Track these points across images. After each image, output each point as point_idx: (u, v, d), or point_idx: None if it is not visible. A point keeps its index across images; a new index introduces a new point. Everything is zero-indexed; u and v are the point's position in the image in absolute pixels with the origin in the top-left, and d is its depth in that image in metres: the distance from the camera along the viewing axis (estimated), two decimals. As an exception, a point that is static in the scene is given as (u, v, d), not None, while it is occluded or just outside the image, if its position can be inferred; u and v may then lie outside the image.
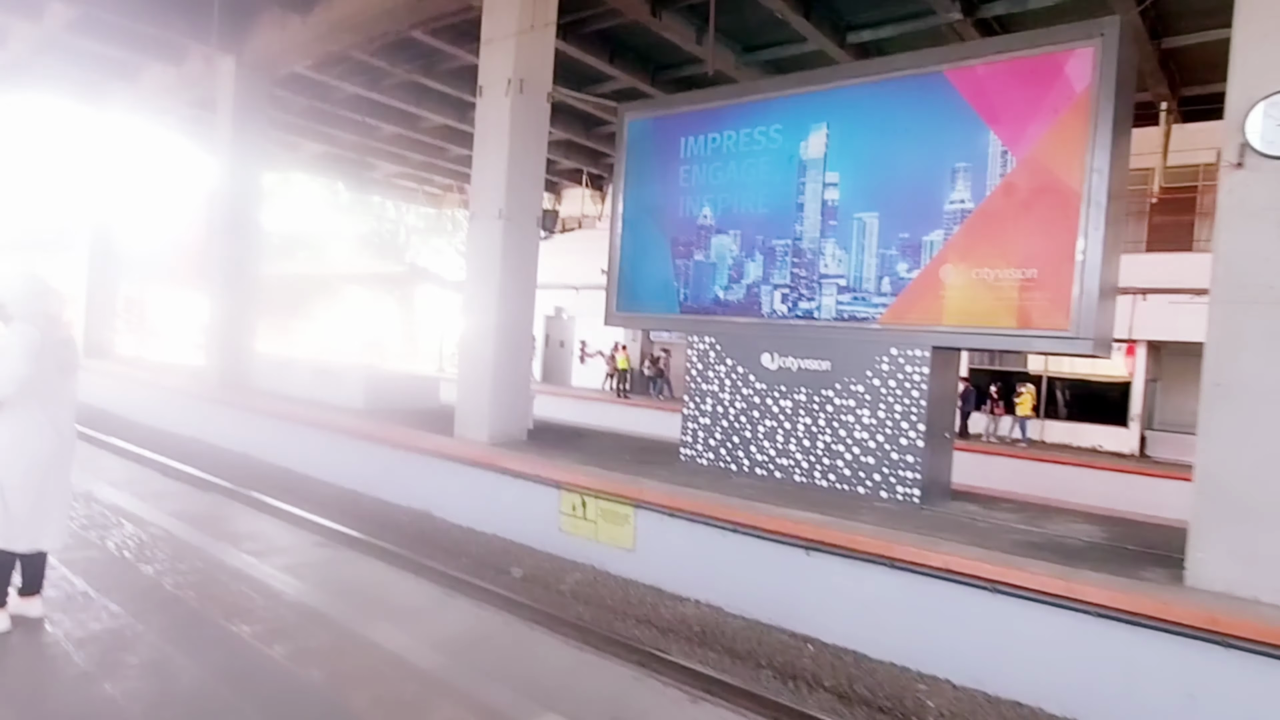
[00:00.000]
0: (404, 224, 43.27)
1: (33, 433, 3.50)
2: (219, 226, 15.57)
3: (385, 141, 21.68)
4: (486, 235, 10.12)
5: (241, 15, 14.51)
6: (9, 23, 15.24)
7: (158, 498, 6.66)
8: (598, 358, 24.68)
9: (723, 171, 9.09)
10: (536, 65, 10.22)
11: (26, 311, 3.55)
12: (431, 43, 14.13)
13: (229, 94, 15.18)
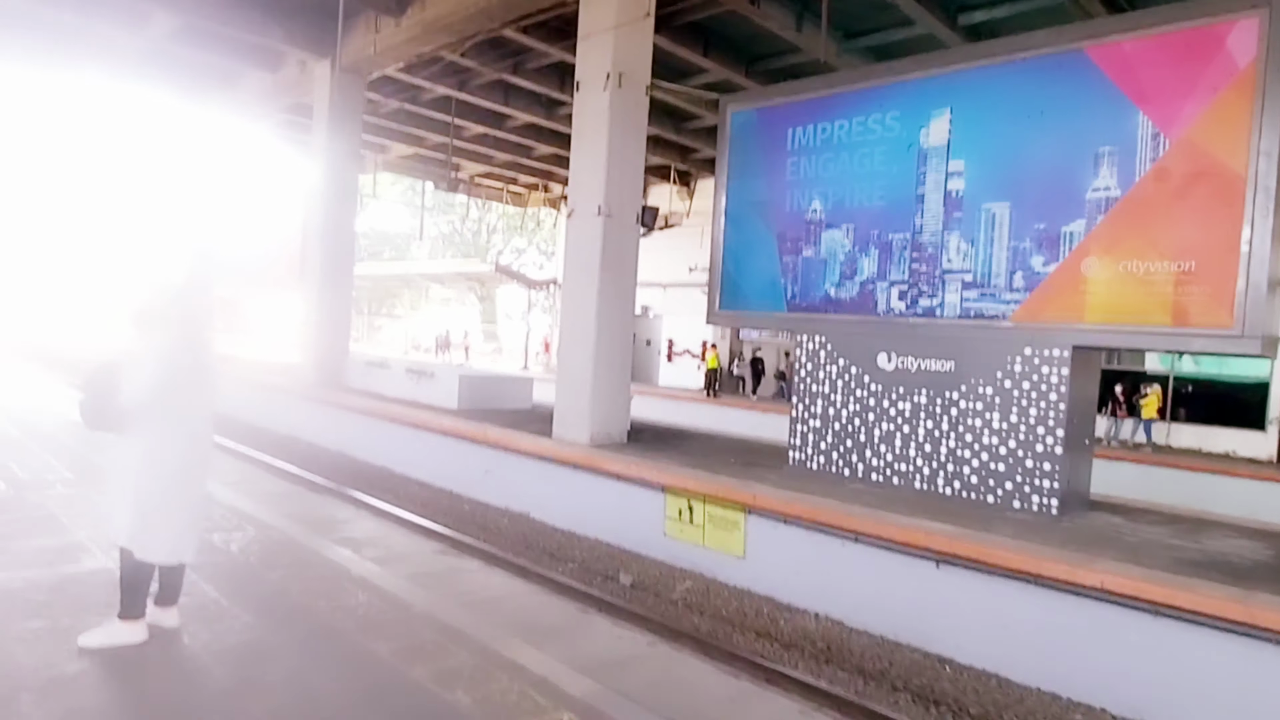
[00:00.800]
0: (485, 223, 44.05)
1: (172, 444, 3.44)
2: (315, 229, 16.04)
3: (471, 141, 21.98)
4: (586, 233, 10.06)
5: (336, 20, 14.86)
6: (114, 34, 15.81)
7: (273, 499, 6.80)
8: (685, 356, 24.51)
9: (834, 163, 8.77)
10: (635, 58, 10.11)
11: (171, 313, 3.48)
12: (521, 40, 14.20)
13: (324, 98, 15.62)
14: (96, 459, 7.56)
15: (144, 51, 16.37)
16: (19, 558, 4.44)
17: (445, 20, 12.68)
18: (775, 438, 13.27)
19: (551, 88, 16.72)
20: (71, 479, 6.68)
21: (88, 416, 3.46)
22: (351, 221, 16.54)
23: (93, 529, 5.09)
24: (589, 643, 3.97)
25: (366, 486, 10.64)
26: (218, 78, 18.62)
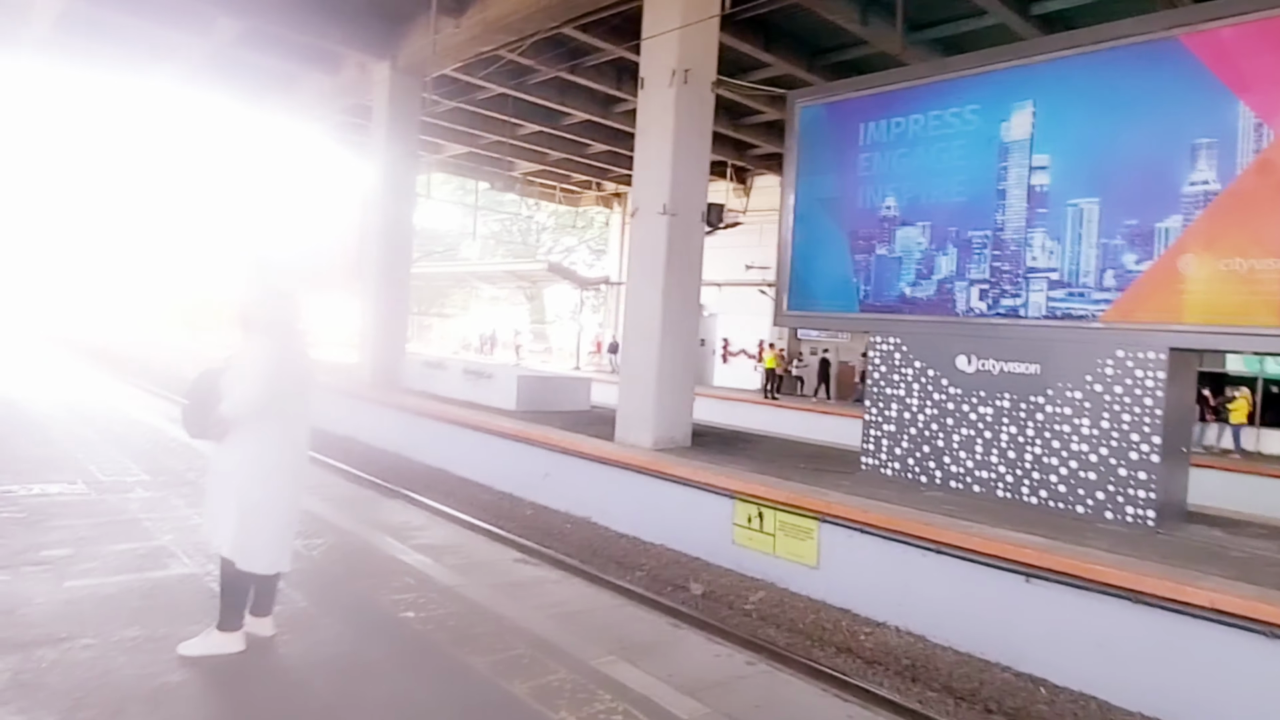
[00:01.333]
0: (535, 222, 44.31)
1: (272, 452, 3.45)
2: (372, 229, 16.26)
3: (525, 140, 22.09)
4: (650, 233, 10.01)
5: (396, 22, 15.13)
6: (179, 38, 16.30)
7: (346, 504, 6.87)
8: (741, 356, 24.31)
9: (909, 158, 8.56)
10: (701, 55, 10.03)
11: (269, 320, 3.50)
12: (580, 38, 14.20)
13: (383, 99, 15.82)
14: (170, 461, 7.77)
15: (208, 56, 16.80)
16: (109, 562, 4.52)
17: (506, 19, 12.73)
18: (839, 441, 13.08)
19: (609, 85, 16.71)
20: (148, 480, 6.80)
21: (190, 425, 3.48)
22: (409, 222, 16.73)
23: (176, 533, 5.19)
24: (686, 660, 3.90)
25: (429, 490, 10.73)
26: (278, 81, 19.03)
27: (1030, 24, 11.42)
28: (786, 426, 16.95)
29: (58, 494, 6.02)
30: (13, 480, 6.34)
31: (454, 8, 13.56)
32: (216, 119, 22.00)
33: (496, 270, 34.37)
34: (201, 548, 3.58)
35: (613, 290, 30.05)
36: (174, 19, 14.85)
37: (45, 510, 5.49)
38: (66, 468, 7.00)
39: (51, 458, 7.37)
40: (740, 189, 24.07)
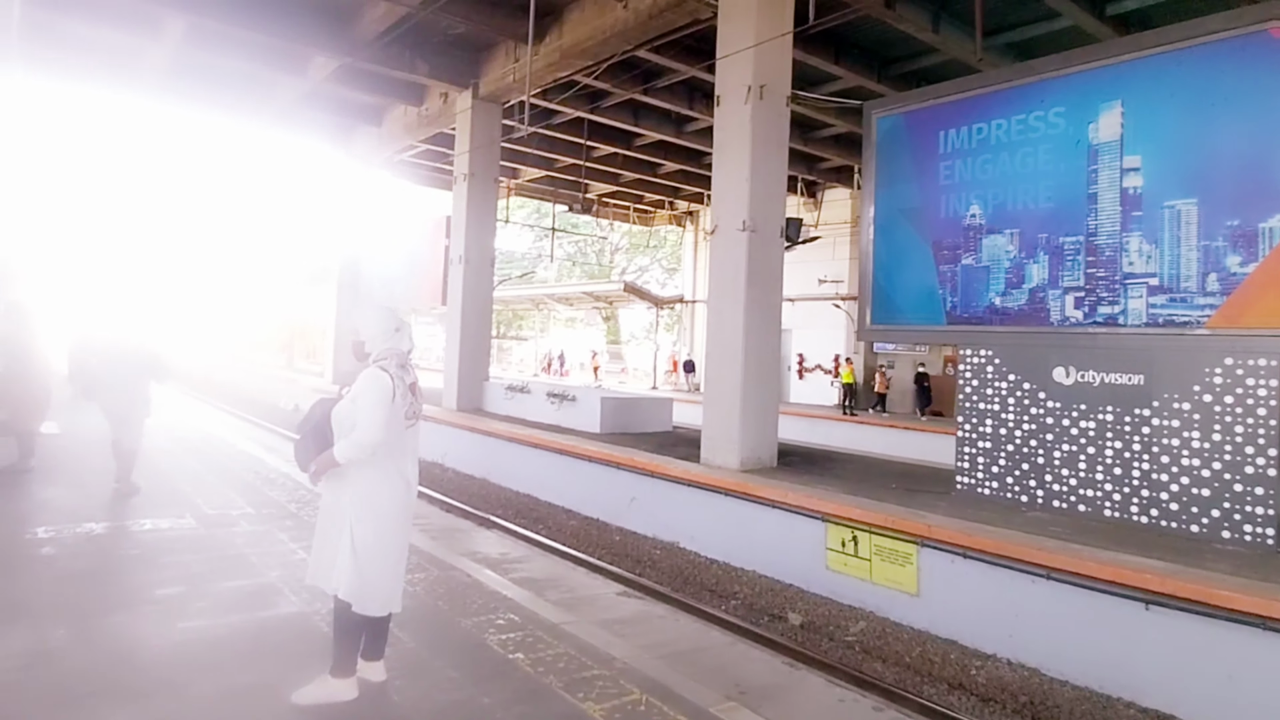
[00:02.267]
0: (608, 243, 44.67)
1: (385, 487, 3.35)
2: (456, 255, 16.62)
3: (599, 161, 22.31)
4: (730, 250, 9.95)
5: (477, 51, 15.54)
6: (277, 78, 17.19)
7: (442, 535, 6.91)
8: (816, 372, 23.83)
9: (992, 165, 8.28)
10: (776, 70, 9.97)
11: (382, 351, 3.44)
12: (654, 60, 14.28)
13: (465, 127, 16.22)
14: (272, 493, 7.88)
15: (303, 94, 17.59)
16: (220, 601, 4.56)
17: (582, 45, 12.90)
18: (926, 459, 12.66)
19: (681, 104, 16.75)
20: (252, 514, 6.86)
21: (303, 460, 3.42)
22: (491, 246, 17.04)
23: (282, 569, 5.26)
24: (809, 704, 3.78)
25: (518, 517, 10.83)
26: (368, 113, 19.85)
27: (1105, 24, 10.98)
28: (869, 443, 16.51)
29: (168, 529, 6.14)
30: (127, 515, 6.49)
31: (533, 36, 13.80)
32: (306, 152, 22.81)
33: (573, 292, 34.73)
34: (308, 585, 3.57)
35: (687, 309, 29.98)
36: (275, 60, 15.76)
37: (158, 546, 5.62)
38: (175, 501, 7.14)
39: (160, 491, 7.53)
40: (810, 203, 23.74)
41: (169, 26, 14.23)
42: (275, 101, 18.29)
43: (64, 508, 6.52)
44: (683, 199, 27.15)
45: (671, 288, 39.18)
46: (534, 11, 13.34)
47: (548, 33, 13.73)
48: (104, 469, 7.62)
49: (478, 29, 14.12)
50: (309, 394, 22.70)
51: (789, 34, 9.98)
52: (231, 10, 13.11)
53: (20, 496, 6.87)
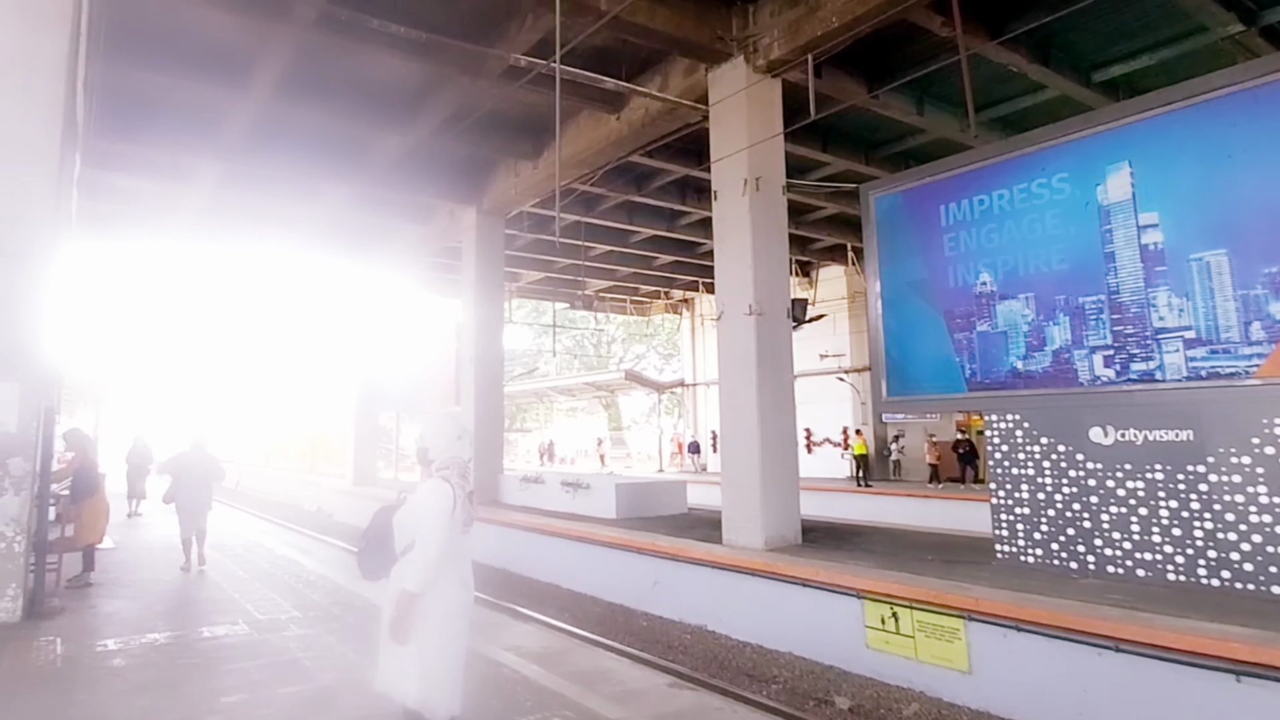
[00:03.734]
0: (606, 334, 44.47)
1: (445, 593, 3.22)
2: (467, 356, 16.18)
3: (596, 260, 22.15)
4: (738, 333, 9.41)
5: (480, 171, 15.51)
6: (297, 210, 17.29)
7: (484, 629, 6.19)
8: (825, 445, 23.00)
9: (998, 233, 7.82)
10: (769, 163, 9.69)
11: (445, 459, 3.34)
12: (646, 163, 14.15)
13: (471, 240, 16.07)
14: (315, 596, 7.48)
15: (323, 221, 17.60)
16: (282, 708, 4.33)
17: (579, 156, 12.75)
18: (953, 528, 11.87)
19: (673, 201, 16.60)
20: (300, 617, 6.58)
21: (367, 569, 3.33)
22: (499, 347, 16.62)
23: (335, 672, 5.02)
24: None
25: (544, 606, 9.94)
26: (379, 234, 19.76)
27: (1093, 91, 10.78)
28: (888, 515, 15.61)
29: (224, 636, 5.98)
30: (185, 624, 6.35)
31: (531, 152, 13.74)
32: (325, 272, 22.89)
33: (575, 383, 34.19)
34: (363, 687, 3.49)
35: (689, 391, 29.36)
36: (298, 193, 15.96)
37: (217, 654, 5.47)
38: (227, 608, 6.95)
39: (211, 598, 7.41)
40: (806, 282, 23.49)
41: (203, 174, 14.48)
42: (298, 230, 18.32)
43: (127, 619, 6.52)
44: (678, 288, 26.95)
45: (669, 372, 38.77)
46: (532, 129, 13.35)
47: (545, 148, 13.66)
48: (158, 580, 8.17)
49: (480, 152, 14.16)
50: (331, 495, 22.06)
51: (780, 136, 9.73)
52: (258, 154, 13.25)
53: (86, 609, 6.86)
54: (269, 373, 39.96)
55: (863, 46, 9.34)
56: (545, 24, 9.35)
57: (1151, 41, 10.16)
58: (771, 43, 9.38)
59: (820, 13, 8.75)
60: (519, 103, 11.81)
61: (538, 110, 12.59)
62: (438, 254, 19.99)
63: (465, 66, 10.38)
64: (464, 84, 10.93)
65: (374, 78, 11.51)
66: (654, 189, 15.97)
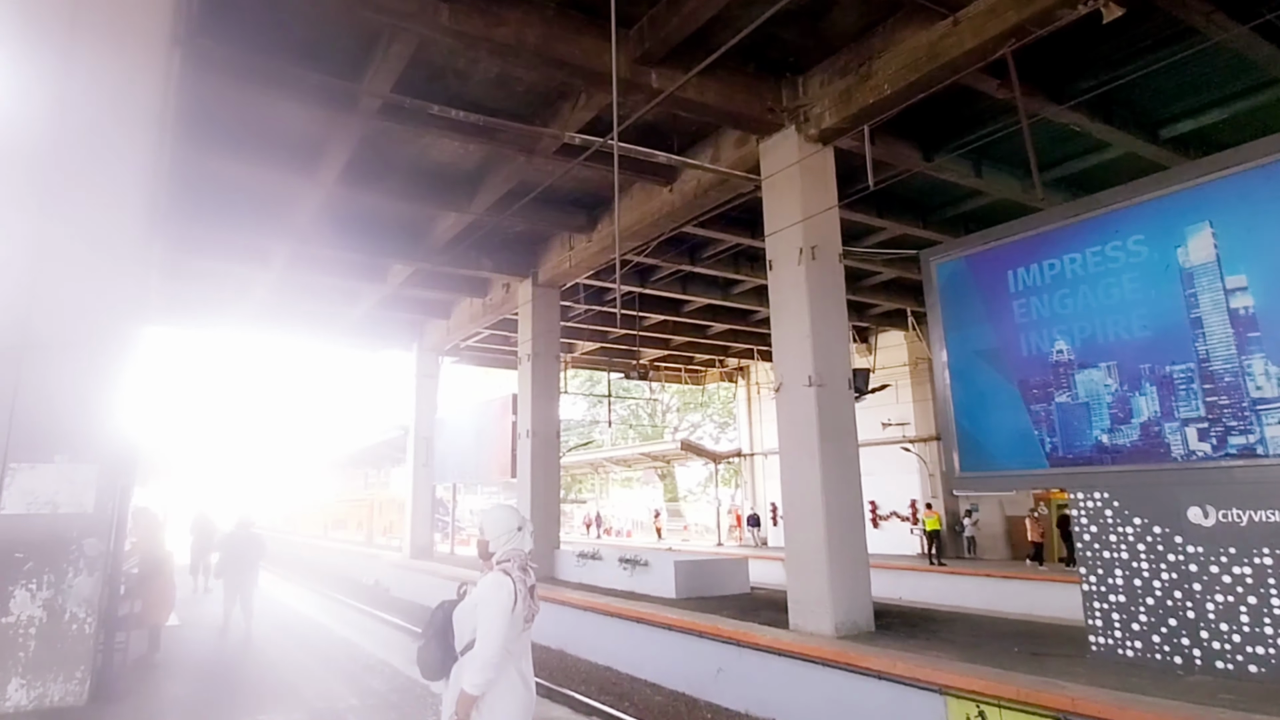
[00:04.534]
0: (660, 403, 44.37)
1: (505, 692, 3.13)
2: (523, 429, 16.24)
3: (650, 329, 22.25)
4: (799, 405, 9.21)
5: (535, 244, 15.93)
6: (360, 287, 17.99)
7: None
8: (892, 520, 22.13)
9: (1071, 299, 7.54)
10: (825, 232, 9.65)
11: (505, 551, 3.28)
12: (699, 233, 14.26)
13: (526, 313, 16.34)
14: (373, 682, 7.38)
15: (381, 298, 18.24)
16: None
17: (633, 228, 12.96)
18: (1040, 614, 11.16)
19: (727, 270, 16.65)
20: (358, 706, 6.45)
21: (427, 668, 3.26)
22: (556, 419, 16.67)
23: None
24: None
25: (600, 693, 9.62)
26: (437, 308, 20.42)
27: (1162, 149, 10.49)
28: (965, 597, 14.82)
29: None
30: (246, 712, 6.23)
31: (585, 225, 14.04)
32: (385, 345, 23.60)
33: (631, 454, 33.99)
34: None
35: (746, 462, 28.85)
36: (360, 272, 16.72)
37: None
38: (285, 694, 6.88)
39: (271, 683, 7.34)
40: (864, 348, 23.11)
41: (275, 255, 15.27)
42: (359, 306, 19.13)
43: (190, 704, 6.55)
44: (732, 356, 26.82)
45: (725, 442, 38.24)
46: (586, 203, 13.70)
47: (599, 221, 13.97)
48: (221, 661, 8.28)
49: (535, 226, 14.57)
50: (388, 569, 22.12)
51: (835, 208, 9.71)
52: (324, 234, 13.94)
53: (152, 693, 6.88)
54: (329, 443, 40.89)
55: (916, 110, 9.32)
56: (597, 102, 9.67)
57: (1221, 95, 9.90)
58: (823, 112, 9.45)
59: (872, 81, 8.81)
60: (572, 177, 12.13)
61: (590, 184, 12.94)
62: (494, 326, 20.38)
63: (521, 145, 10.74)
64: (519, 162, 11.29)
65: (434, 159, 12.00)
66: (707, 258, 16.08)
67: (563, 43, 8.42)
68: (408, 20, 7.73)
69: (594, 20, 8.53)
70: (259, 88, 8.89)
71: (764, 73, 9.67)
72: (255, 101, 9.78)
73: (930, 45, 8.11)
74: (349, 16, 7.94)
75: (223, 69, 8.46)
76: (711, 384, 31.81)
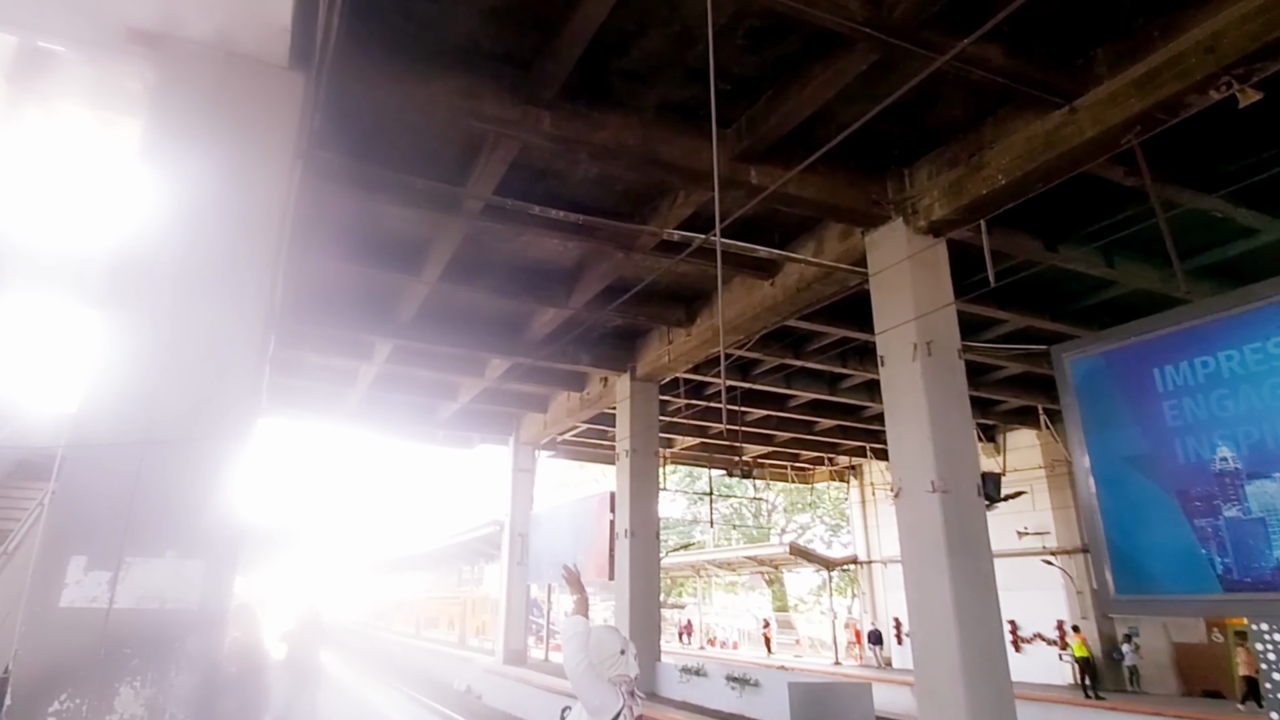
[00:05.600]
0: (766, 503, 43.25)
1: None
2: (622, 529, 16.10)
3: (753, 424, 21.93)
4: (921, 512, 8.73)
5: (633, 339, 16.23)
6: (458, 380, 18.81)
7: None
8: (1036, 643, 20.24)
9: (1232, 400, 6.90)
10: (941, 326, 9.35)
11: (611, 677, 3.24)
12: (802, 326, 14.15)
13: (625, 408, 16.51)
14: None
15: (480, 391, 18.82)
16: None
17: (734, 322, 13.00)
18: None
19: (833, 364, 16.35)
20: None
21: None
22: (655, 518, 16.49)
23: None
24: None
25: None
26: (533, 402, 20.94)
27: (1323, 231, 9.77)
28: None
29: None
30: None
31: (684, 319, 14.20)
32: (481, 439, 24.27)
33: (735, 556, 33.02)
34: None
35: (863, 570, 27.42)
36: (459, 366, 17.48)
37: None
38: None
39: None
40: (990, 448, 21.92)
41: (378, 349, 16.19)
42: (457, 400, 19.83)
43: None
44: (842, 454, 26.00)
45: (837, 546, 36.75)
46: (684, 297, 13.89)
47: (698, 315, 14.11)
48: None
49: (633, 321, 14.87)
50: (481, 674, 21.93)
51: (951, 304, 9.45)
52: (426, 330, 14.68)
53: None
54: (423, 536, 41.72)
55: (1036, 198, 9.04)
56: (696, 199, 9.89)
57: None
58: (932, 203, 9.32)
59: (984, 172, 8.65)
60: (670, 272, 12.35)
61: (689, 279, 13.12)
62: (591, 420, 20.61)
63: (619, 242, 11.06)
64: (618, 258, 11.61)
65: (532, 256, 12.51)
66: (812, 352, 15.86)
67: (661, 143, 8.73)
68: (511, 128, 8.22)
69: (691, 121, 8.83)
70: (369, 193, 9.60)
71: (867, 165, 9.68)
72: (365, 205, 10.55)
73: (1046, 135, 7.94)
74: (455, 127, 8.51)
75: (337, 177, 9.18)
76: (821, 483, 30.85)
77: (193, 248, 6.78)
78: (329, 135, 8.95)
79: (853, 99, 8.04)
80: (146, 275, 6.58)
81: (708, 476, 30.36)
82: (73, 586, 5.87)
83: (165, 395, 6.48)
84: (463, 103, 7.95)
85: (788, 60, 7.96)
